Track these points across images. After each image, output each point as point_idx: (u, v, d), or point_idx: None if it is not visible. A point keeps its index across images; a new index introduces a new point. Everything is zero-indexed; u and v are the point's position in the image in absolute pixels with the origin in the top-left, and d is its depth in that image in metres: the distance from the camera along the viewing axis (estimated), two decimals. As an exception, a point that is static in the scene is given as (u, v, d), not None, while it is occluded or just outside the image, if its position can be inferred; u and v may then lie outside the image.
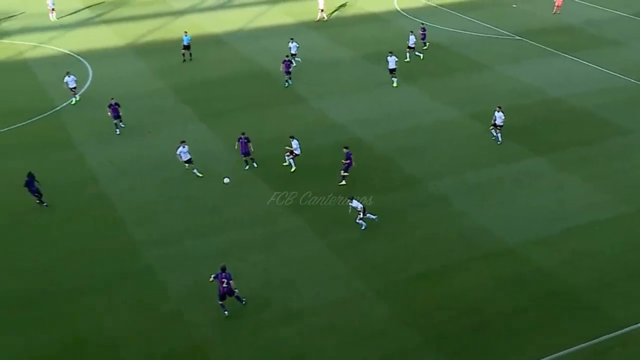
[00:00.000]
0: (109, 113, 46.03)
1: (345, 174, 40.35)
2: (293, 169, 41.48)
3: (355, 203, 35.55)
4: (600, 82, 54.78)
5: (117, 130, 46.58)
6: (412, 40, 57.82)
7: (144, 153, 44.09)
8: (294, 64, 55.69)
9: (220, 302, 30.46)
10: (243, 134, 41.83)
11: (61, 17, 69.98)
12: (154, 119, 48.55)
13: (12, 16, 70.49)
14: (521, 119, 48.38)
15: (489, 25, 67.48)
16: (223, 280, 30.12)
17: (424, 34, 61.14)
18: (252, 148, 41.86)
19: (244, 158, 42.06)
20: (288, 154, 41.77)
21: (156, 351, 29.05)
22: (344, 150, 40.30)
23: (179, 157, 40.62)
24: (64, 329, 30.20)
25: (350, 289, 32.45)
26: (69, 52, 60.47)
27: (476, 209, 38.37)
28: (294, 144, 41.36)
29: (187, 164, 40.79)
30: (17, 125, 47.38)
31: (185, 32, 59.23)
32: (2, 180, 40.89)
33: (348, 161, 39.96)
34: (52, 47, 61.88)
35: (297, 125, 47.15)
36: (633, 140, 45.74)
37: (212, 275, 30.39)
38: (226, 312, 30.59)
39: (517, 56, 60.02)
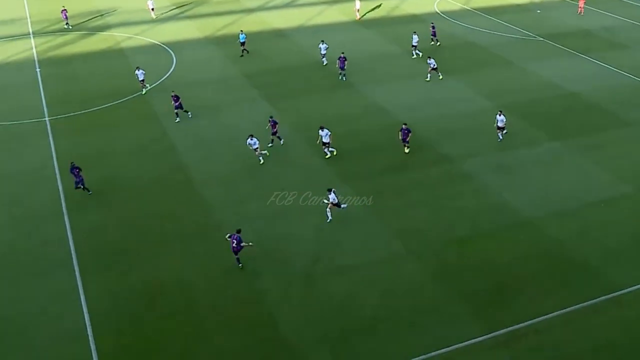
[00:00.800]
0: (172, 102, 45.51)
1: (407, 144, 41.22)
2: (335, 153, 41.15)
3: (332, 197, 33.95)
4: (610, 80, 53.86)
5: (178, 118, 45.59)
6: (415, 39, 57.16)
7: (218, 129, 44.43)
8: (324, 62, 55.45)
9: (236, 257, 30.97)
10: (271, 117, 42.13)
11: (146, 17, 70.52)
12: (227, 99, 48.84)
13: (111, 12, 71.09)
14: (541, 110, 47.97)
15: (516, 28, 66.56)
16: (233, 240, 30.46)
17: (434, 31, 60.79)
18: (278, 129, 42.03)
19: (271, 137, 41.98)
20: (322, 145, 41.05)
21: (221, 295, 29.66)
22: (403, 126, 40.81)
23: (249, 147, 40.23)
24: (148, 272, 30.95)
25: (391, 249, 32.61)
26: (157, 43, 60.97)
27: (502, 186, 38.17)
28: (324, 133, 40.42)
29: (256, 151, 40.59)
30: (113, 103, 48.04)
31: (241, 30, 59.01)
32: (110, 150, 41.50)
33: (408, 134, 40.74)
34: (143, 38, 62.45)
35: (348, 109, 47.32)
36: (636, 131, 45.00)
37: (228, 235, 30.84)
38: (240, 265, 31.12)
39: (539, 55, 59.17)
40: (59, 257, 32.02)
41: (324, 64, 55.47)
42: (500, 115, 42.29)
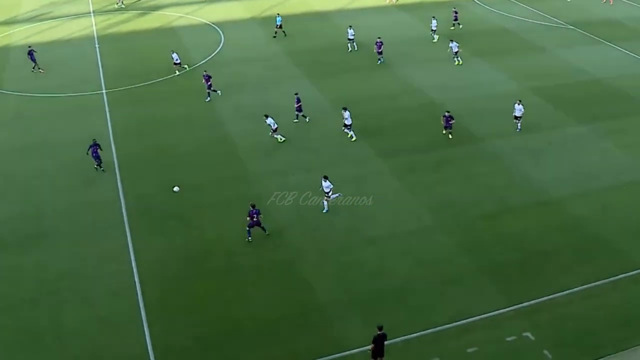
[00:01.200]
0: (204, 82, 44.90)
1: (450, 130, 40.16)
2: (354, 139, 40.20)
3: (326, 183, 32.61)
4: (635, 68, 52.44)
5: (208, 98, 44.92)
6: (434, 24, 56.06)
7: (262, 104, 44.11)
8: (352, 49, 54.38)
9: (248, 229, 30.61)
10: (296, 94, 41.91)
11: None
12: (271, 76, 48.50)
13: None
14: (568, 94, 46.88)
15: (547, 15, 65.06)
16: (253, 215, 30.26)
17: (456, 16, 59.80)
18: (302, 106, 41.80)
19: (296, 113, 41.83)
20: (343, 127, 40.23)
21: (262, 258, 29.71)
22: (446, 113, 39.85)
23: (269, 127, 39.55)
24: (193, 235, 30.95)
25: (422, 222, 32.29)
26: (206, 22, 60.72)
27: (528, 165, 37.48)
28: (346, 114, 39.67)
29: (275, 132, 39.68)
30: (164, 78, 48.05)
31: (278, 14, 58.05)
32: (160, 121, 41.46)
33: (452, 121, 39.75)
34: (193, 17, 62.23)
35: (384, 89, 46.82)
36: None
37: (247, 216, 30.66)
38: (250, 239, 30.78)
39: (568, 42, 57.77)
40: (112, 219, 32.26)
41: (349, 50, 54.16)
42: (518, 104, 41.17)
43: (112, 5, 65.65)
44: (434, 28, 56.22)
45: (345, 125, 39.88)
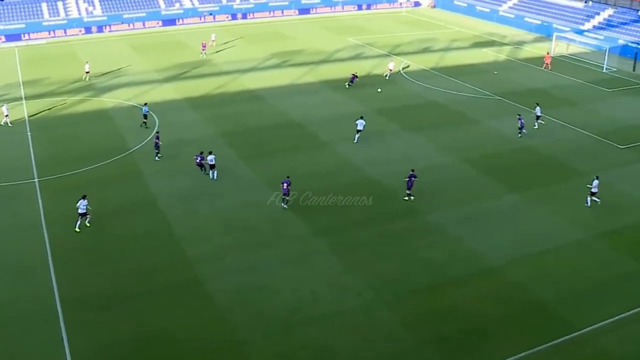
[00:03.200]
0: (155, 142, 47.87)
1: (410, 192, 41.97)
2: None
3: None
4: (561, 134, 54.79)
5: (156, 158, 48.06)
6: (361, 124, 55.02)
7: (197, 185, 44.12)
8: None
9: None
10: (201, 153, 44.75)
11: (137, 78, 70.54)
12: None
13: (99, 78, 70.85)
14: (502, 163, 48.46)
15: (475, 88, 67.46)
16: (283, 184, 39.07)
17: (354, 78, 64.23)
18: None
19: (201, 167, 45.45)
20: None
21: (206, 343, 29.08)
22: (411, 171, 42.22)
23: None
24: (133, 325, 30.19)
25: (363, 298, 32.41)
26: (137, 105, 60.69)
27: (467, 236, 38.27)
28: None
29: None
30: (100, 164, 47.60)
31: (145, 103, 57.34)
32: (106, 206, 40.95)
33: (412, 179, 41.90)
34: (129, 102, 62.23)
35: (321, 166, 47.42)
36: (587, 181, 45.17)
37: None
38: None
39: (498, 113, 59.92)
40: (45, 311, 31.18)
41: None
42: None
43: (44, 90, 65.18)
44: (359, 129, 53.45)
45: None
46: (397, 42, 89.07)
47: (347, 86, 66.12)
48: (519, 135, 53.66)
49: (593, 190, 42.00)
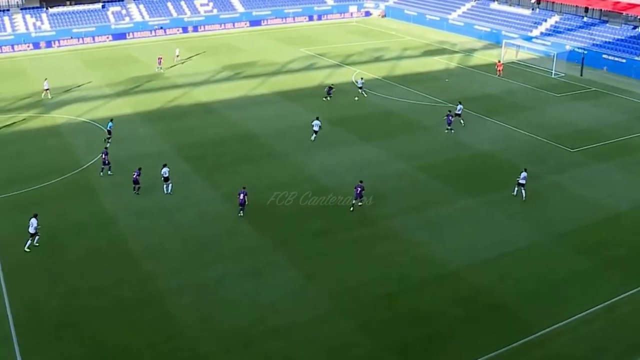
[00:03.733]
0: (102, 157, 47.62)
1: (360, 199, 42.14)
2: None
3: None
4: (514, 138, 55.70)
5: (101, 173, 47.49)
6: (317, 125, 55.36)
7: (153, 201, 43.62)
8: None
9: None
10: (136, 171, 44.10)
11: (88, 93, 69.52)
12: (158, 173, 47.99)
13: (48, 94, 69.68)
14: (457, 169, 48.98)
15: (427, 95, 68.11)
16: (240, 194, 39.86)
17: (330, 90, 64.31)
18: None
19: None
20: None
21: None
22: (360, 182, 42.33)
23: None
24: (93, 344, 29.48)
25: (324, 308, 32.30)
26: (94, 123, 59.87)
27: (425, 241, 38.52)
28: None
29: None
30: (52, 182, 46.69)
31: (111, 119, 56.94)
32: (58, 224, 40.21)
33: (359, 190, 41.89)
34: (81, 118, 61.26)
35: (278, 177, 47.18)
36: (541, 184, 46.36)
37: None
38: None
39: (450, 119, 60.54)
40: None
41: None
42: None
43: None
44: (316, 129, 55.44)
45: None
46: (349, 52, 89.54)
47: (325, 99, 65.52)
48: (446, 131, 56.32)
49: (521, 181, 43.86)
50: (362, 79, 61.68)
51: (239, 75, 77.04)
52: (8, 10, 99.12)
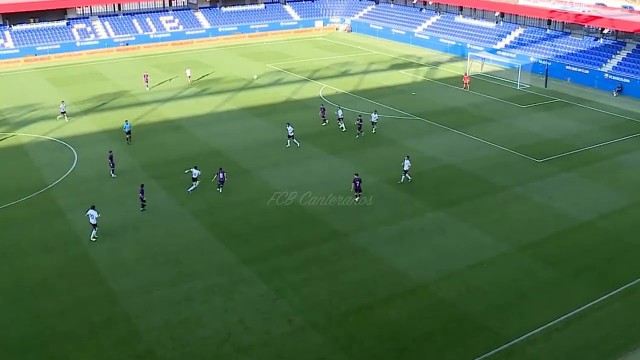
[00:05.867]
0: (109, 162, 50.37)
1: (358, 193, 45.42)
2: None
3: (91, 212, 39.93)
4: (480, 150, 56.25)
5: (113, 174, 50.43)
6: (290, 130, 56.89)
7: (120, 219, 43.25)
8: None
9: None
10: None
11: (54, 112, 68.83)
12: (128, 192, 47.56)
13: (13, 113, 68.95)
14: (423, 181, 49.24)
15: (394, 109, 68.54)
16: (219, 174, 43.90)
17: (323, 111, 63.59)
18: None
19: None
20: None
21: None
22: (355, 175, 45.61)
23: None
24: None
25: (293, 324, 32.21)
26: (59, 141, 59.30)
27: (393, 255, 38.64)
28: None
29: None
30: (17, 201, 46.08)
31: (126, 120, 59.02)
32: (22, 244, 39.70)
33: (358, 183, 45.17)
34: (46, 137, 60.65)
35: (244, 194, 47.02)
36: (508, 195, 46.92)
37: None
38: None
39: (417, 132, 61.09)
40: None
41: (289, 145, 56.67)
42: (406, 160, 48.72)
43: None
44: (290, 134, 56.97)
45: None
46: (316, 67, 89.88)
47: (323, 124, 63.30)
48: (357, 136, 58.60)
49: (405, 168, 48.28)
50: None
51: (206, 92, 76.92)
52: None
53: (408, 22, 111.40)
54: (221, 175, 46.46)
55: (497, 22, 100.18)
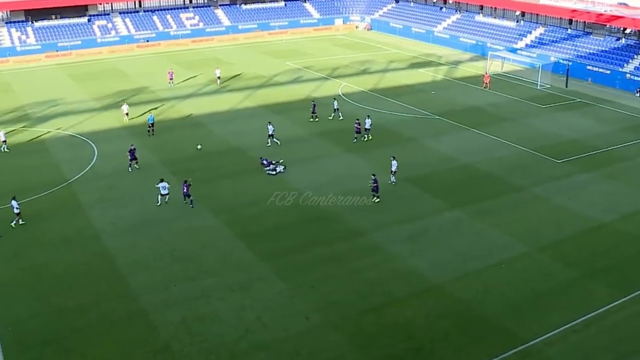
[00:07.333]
0: (128, 156, 50.91)
1: (376, 193, 45.19)
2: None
3: (14, 203, 41.24)
4: (499, 150, 55.91)
5: (130, 169, 50.99)
6: (270, 129, 56.87)
7: (140, 214, 43.50)
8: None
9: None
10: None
11: (74, 107, 69.38)
12: (147, 185, 47.86)
13: (34, 108, 69.58)
14: (441, 180, 49.18)
15: (414, 108, 68.36)
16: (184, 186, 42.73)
17: (314, 107, 63.99)
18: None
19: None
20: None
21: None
22: (372, 176, 45.36)
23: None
24: (76, 362, 29.31)
25: (310, 322, 32.25)
26: (79, 136, 59.72)
27: (409, 254, 38.56)
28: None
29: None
30: (37, 196, 46.44)
31: (150, 112, 60.19)
32: (42, 239, 40.29)
33: (375, 184, 45.05)
34: (66, 132, 61.14)
35: (261, 191, 47.08)
36: (527, 195, 46.63)
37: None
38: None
39: (436, 131, 60.87)
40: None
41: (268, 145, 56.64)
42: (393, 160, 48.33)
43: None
44: (271, 133, 56.70)
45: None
46: (336, 65, 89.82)
47: (355, 141, 59.11)
48: (355, 141, 57.46)
49: (393, 169, 47.97)
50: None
51: (225, 89, 77.14)
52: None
53: (428, 21, 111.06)
54: (185, 189, 44.59)
55: (517, 22, 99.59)
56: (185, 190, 44.58)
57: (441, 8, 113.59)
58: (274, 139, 56.70)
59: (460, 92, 75.62)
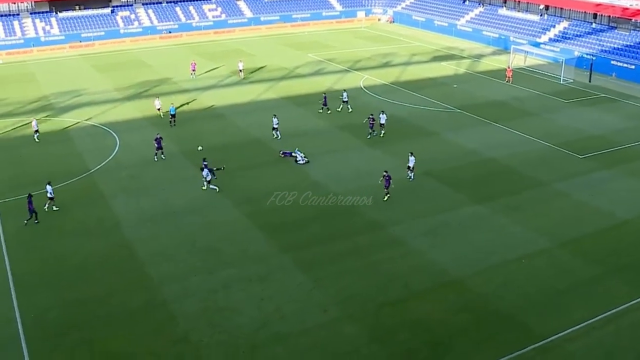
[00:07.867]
0: (155, 145, 51.29)
1: (387, 191, 44.34)
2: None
3: (48, 188, 41.97)
4: (522, 145, 55.54)
5: (155, 158, 51.46)
6: (275, 122, 56.53)
7: (162, 205, 43.76)
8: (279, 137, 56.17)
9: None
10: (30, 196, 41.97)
11: (97, 97, 69.88)
12: (169, 177, 48.17)
13: (58, 98, 70.17)
14: (463, 175, 48.91)
15: (435, 101, 68.11)
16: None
17: (325, 99, 63.87)
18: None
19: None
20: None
21: None
22: (385, 173, 44.17)
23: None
24: (100, 351, 29.56)
25: (329, 314, 32.29)
26: (102, 127, 60.16)
27: (429, 248, 38.47)
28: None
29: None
30: (61, 185, 46.81)
31: (172, 103, 60.82)
32: (65, 229, 40.60)
33: (387, 183, 44.17)
34: (89, 122, 61.58)
35: (285, 182, 47.19)
36: (549, 190, 46.27)
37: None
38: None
39: (458, 125, 60.58)
40: (7, 338, 30.56)
41: (275, 137, 56.60)
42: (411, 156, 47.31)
43: (1, 111, 64.18)
44: (275, 126, 56.66)
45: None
46: (357, 57, 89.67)
47: (369, 137, 58.10)
48: (368, 136, 56.79)
49: (410, 165, 47.39)
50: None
51: (247, 80, 77.27)
52: (18, 14, 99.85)
53: (451, 14, 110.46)
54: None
55: (541, 15, 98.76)
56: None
57: (464, 1, 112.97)
58: (277, 132, 56.52)
59: (482, 86, 75.19)
